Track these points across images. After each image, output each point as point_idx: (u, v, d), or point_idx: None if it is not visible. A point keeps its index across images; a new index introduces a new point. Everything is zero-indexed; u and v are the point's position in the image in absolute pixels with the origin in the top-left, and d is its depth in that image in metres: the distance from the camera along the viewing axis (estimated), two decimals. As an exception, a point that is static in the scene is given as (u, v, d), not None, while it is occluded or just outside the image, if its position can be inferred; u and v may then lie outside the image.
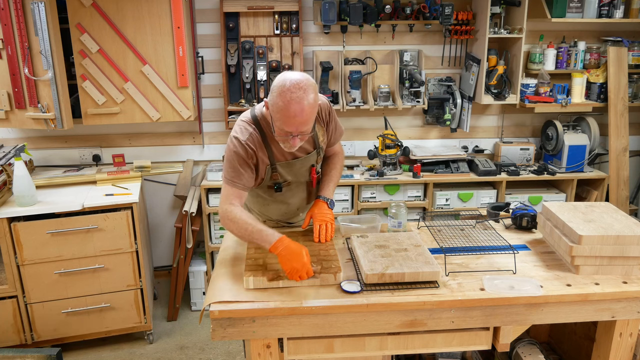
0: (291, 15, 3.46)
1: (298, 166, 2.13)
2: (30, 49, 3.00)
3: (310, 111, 1.81)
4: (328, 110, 2.12)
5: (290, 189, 2.20)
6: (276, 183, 2.12)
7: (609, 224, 1.97)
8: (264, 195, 2.23)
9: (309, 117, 1.82)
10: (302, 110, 1.78)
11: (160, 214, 3.88)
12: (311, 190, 2.28)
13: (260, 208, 2.33)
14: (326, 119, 2.13)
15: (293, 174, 2.15)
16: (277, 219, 2.36)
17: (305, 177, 2.20)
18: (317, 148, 2.14)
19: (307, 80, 1.81)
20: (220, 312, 1.73)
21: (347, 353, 1.87)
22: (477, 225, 2.35)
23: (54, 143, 3.64)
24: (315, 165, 2.19)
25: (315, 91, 1.83)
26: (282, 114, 1.80)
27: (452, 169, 3.59)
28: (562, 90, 3.58)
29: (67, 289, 2.98)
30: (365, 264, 1.86)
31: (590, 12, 3.49)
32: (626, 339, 1.95)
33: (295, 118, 1.79)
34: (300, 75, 1.82)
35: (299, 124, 1.82)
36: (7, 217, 2.80)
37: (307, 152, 2.12)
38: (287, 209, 2.30)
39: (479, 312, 1.82)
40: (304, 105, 1.78)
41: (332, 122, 2.16)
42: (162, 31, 3.16)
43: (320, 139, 2.15)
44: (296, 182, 2.19)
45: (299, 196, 2.27)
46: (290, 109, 1.78)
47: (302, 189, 2.26)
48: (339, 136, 2.26)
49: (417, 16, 3.47)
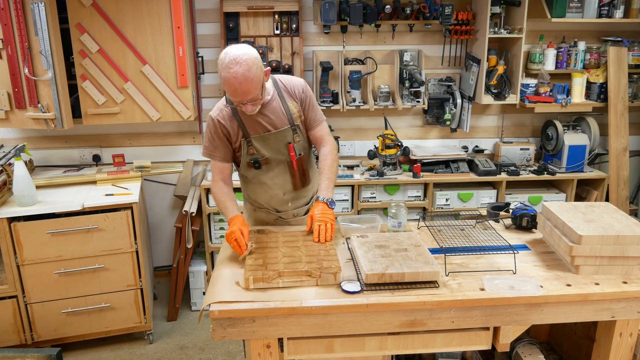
0: (291, 15, 3.46)
1: (272, 140, 2.23)
2: (30, 49, 3.00)
3: (248, 83, 1.96)
4: (302, 88, 2.26)
5: (271, 167, 2.29)
6: (254, 159, 2.24)
7: (609, 224, 1.97)
8: (247, 175, 2.33)
9: (249, 87, 1.98)
10: (240, 83, 1.96)
11: (160, 214, 3.88)
12: (294, 173, 2.31)
13: (249, 193, 2.41)
14: (300, 95, 2.25)
15: (269, 149, 2.24)
16: (267, 207, 2.39)
17: (283, 155, 2.27)
18: (292, 124, 2.24)
19: (244, 55, 1.96)
20: (220, 312, 1.73)
21: (347, 353, 1.87)
22: (477, 225, 2.35)
23: (54, 143, 3.64)
24: (292, 143, 2.25)
25: (254, 63, 1.97)
26: (226, 87, 2.00)
27: (452, 169, 3.59)
28: (562, 90, 3.58)
29: (67, 289, 2.99)
30: (365, 264, 1.86)
31: (590, 12, 3.49)
32: (626, 339, 1.95)
33: (237, 90, 1.98)
34: (239, 50, 1.98)
35: (242, 94, 1.99)
36: (7, 217, 2.80)
37: (279, 126, 2.22)
38: (272, 192, 2.34)
39: (479, 312, 1.82)
40: (241, 79, 1.95)
41: (308, 101, 2.27)
42: (162, 31, 3.16)
43: (295, 114, 2.24)
44: (275, 159, 2.27)
45: (282, 177, 2.31)
46: (230, 83, 1.96)
47: (283, 169, 2.30)
48: (318, 120, 2.31)
49: (417, 16, 3.47)
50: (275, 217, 2.42)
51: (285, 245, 2.08)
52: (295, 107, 2.25)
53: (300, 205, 2.42)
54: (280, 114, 2.22)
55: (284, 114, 2.22)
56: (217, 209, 3.47)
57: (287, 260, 1.94)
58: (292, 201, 2.39)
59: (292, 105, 2.24)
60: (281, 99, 2.23)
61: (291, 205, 2.39)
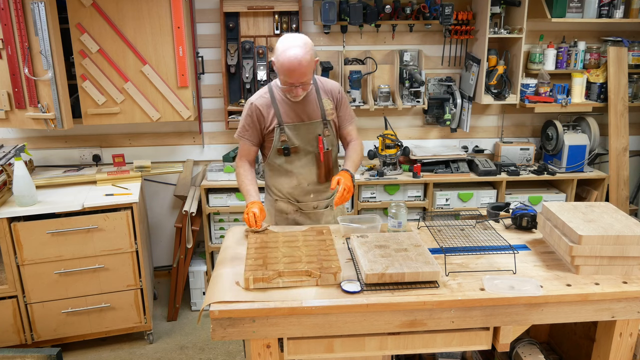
0: (291, 15, 3.46)
1: (304, 131, 2.38)
2: (30, 49, 3.00)
3: (306, 64, 2.15)
4: (339, 89, 2.47)
5: (299, 157, 2.42)
6: (285, 146, 2.38)
7: (609, 224, 1.97)
8: (275, 163, 2.44)
9: (305, 70, 2.16)
10: (298, 65, 2.13)
11: (160, 214, 3.88)
12: (320, 165, 2.44)
13: (274, 182, 2.50)
14: (337, 96, 2.45)
15: (300, 139, 2.39)
16: (288, 196, 2.48)
17: (312, 147, 2.41)
18: (324, 119, 2.40)
19: (302, 40, 2.17)
20: (220, 312, 1.73)
21: (347, 353, 1.87)
22: (477, 225, 2.35)
23: (54, 143, 3.64)
24: (322, 135, 2.40)
25: (310, 48, 2.18)
26: (283, 69, 2.16)
27: (452, 169, 3.59)
28: (562, 90, 3.58)
29: (67, 289, 2.99)
30: (365, 264, 1.86)
31: (590, 12, 3.49)
32: (626, 339, 1.96)
33: (294, 72, 2.15)
34: (297, 36, 2.19)
35: (298, 76, 2.17)
36: (7, 217, 2.80)
37: (312, 118, 2.39)
38: (297, 182, 2.45)
39: (479, 312, 1.82)
40: (299, 62, 2.13)
41: (343, 102, 2.47)
42: (162, 31, 3.16)
43: (329, 111, 2.41)
44: (304, 150, 2.41)
45: (308, 169, 2.44)
46: (288, 64, 2.13)
47: (310, 160, 2.44)
48: (349, 118, 2.51)
49: (417, 16, 3.47)
50: (296, 208, 2.49)
51: (285, 245, 2.08)
52: (329, 105, 2.42)
53: (322, 199, 2.52)
54: (315, 108, 2.39)
55: (318, 108, 2.39)
56: (217, 209, 3.48)
57: (287, 260, 1.95)
58: (314, 193, 2.49)
59: (326, 103, 2.41)
60: (317, 94, 2.40)
61: (313, 197, 2.49)
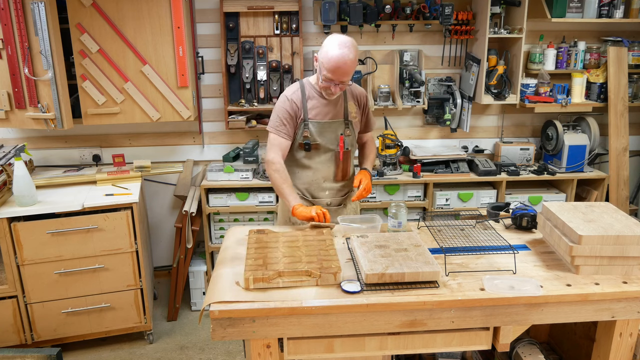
0: (291, 15, 3.46)
1: (327, 128, 2.47)
2: (30, 49, 3.00)
3: (351, 64, 2.26)
4: (366, 96, 2.60)
5: (319, 153, 2.49)
6: (306, 141, 2.45)
7: (609, 224, 1.97)
8: (295, 156, 2.51)
9: (350, 69, 2.27)
10: (345, 63, 2.23)
11: (160, 214, 3.88)
12: (339, 163, 2.52)
13: (291, 175, 2.51)
14: (362, 102, 2.57)
15: (322, 136, 2.47)
16: (304, 191, 2.55)
17: (333, 145, 2.49)
18: (346, 119, 2.49)
19: (351, 42, 2.27)
20: (220, 312, 1.73)
21: (347, 353, 1.87)
22: (477, 225, 2.35)
23: (54, 143, 3.64)
24: (343, 135, 2.48)
25: (357, 51, 2.29)
26: (330, 65, 2.24)
27: (452, 169, 3.59)
28: (562, 90, 3.58)
29: (67, 289, 2.99)
30: (365, 264, 1.86)
31: (590, 12, 3.49)
32: (626, 339, 1.96)
33: (340, 69, 2.25)
34: (347, 37, 2.29)
35: (342, 74, 2.27)
36: (7, 217, 2.80)
37: (336, 118, 2.48)
38: (314, 176, 2.52)
39: (479, 312, 1.82)
40: (347, 60, 2.23)
41: (367, 109, 2.61)
42: (162, 31, 3.16)
43: (352, 114, 2.52)
44: (324, 147, 2.48)
45: (326, 165, 2.52)
46: (338, 62, 2.23)
47: (329, 157, 2.51)
48: (371, 125, 2.66)
49: (417, 16, 3.47)
50: (309, 205, 2.51)
51: (285, 245, 2.08)
52: (354, 108, 2.53)
53: (336, 197, 2.59)
54: (340, 108, 2.48)
55: (342, 109, 2.49)
56: (217, 209, 3.48)
57: (287, 260, 1.94)
58: (329, 190, 2.56)
59: (351, 105, 2.52)
60: (344, 96, 2.50)
61: (327, 194, 2.56)
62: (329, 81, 2.30)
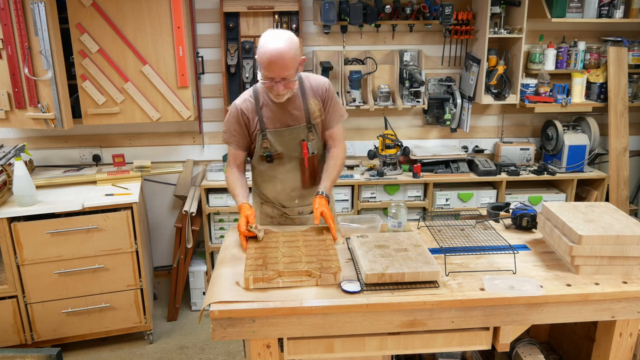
0: (291, 15, 3.46)
1: (287, 136, 2.28)
2: (30, 49, 3.00)
3: (288, 58, 2.04)
4: (326, 88, 2.30)
5: (282, 163, 2.33)
6: (267, 152, 2.29)
7: (609, 224, 1.97)
8: (258, 168, 2.38)
9: (289, 63, 2.06)
10: (279, 57, 2.03)
11: (160, 214, 3.88)
12: (305, 170, 2.35)
13: (258, 185, 2.45)
14: (323, 96, 2.29)
15: (283, 145, 2.29)
16: (273, 201, 2.43)
17: (296, 152, 2.32)
18: (308, 123, 2.28)
19: (284, 33, 2.08)
20: (220, 312, 1.73)
21: (347, 353, 1.87)
22: (477, 225, 2.35)
23: (54, 143, 3.64)
24: (306, 140, 2.29)
25: (293, 42, 2.08)
26: (263, 61, 2.06)
27: (452, 169, 3.59)
28: (562, 90, 3.58)
29: (67, 289, 2.99)
30: (365, 264, 1.86)
31: (590, 12, 3.49)
32: (626, 339, 1.96)
33: (274, 64, 2.04)
34: (282, 31, 2.11)
35: (279, 69, 2.06)
36: (7, 217, 2.80)
37: (296, 123, 2.28)
38: (282, 187, 2.38)
39: (479, 312, 1.82)
40: (281, 52, 2.03)
41: (330, 101, 2.32)
42: (162, 31, 3.16)
43: (316, 113, 2.29)
44: (287, 155, 2.32)
45: (292, 174, 2.36)
46: (269, 55, 2.04)
47: (294, 166, 2.35)
48: (337, 118, 2.36)
49: (417, 16, 3.47)
50: (281, 213, 2.44)
51: (285, 245, 2.08)
52: (317, 105, 2.29)
53: (307, 204, 2.43)
54: (299, 112, 2.27)
55: (302, 112, 2.27)
56: (217, 209, 3.48)
57: (287, 260, 1.94)
58: (299, 198, 2.42)
59: (313, 104, 2.28)
60: (303, 97, 2.27)
61: (298, 202, 2.42)
62: (270, 80, 2.10)
